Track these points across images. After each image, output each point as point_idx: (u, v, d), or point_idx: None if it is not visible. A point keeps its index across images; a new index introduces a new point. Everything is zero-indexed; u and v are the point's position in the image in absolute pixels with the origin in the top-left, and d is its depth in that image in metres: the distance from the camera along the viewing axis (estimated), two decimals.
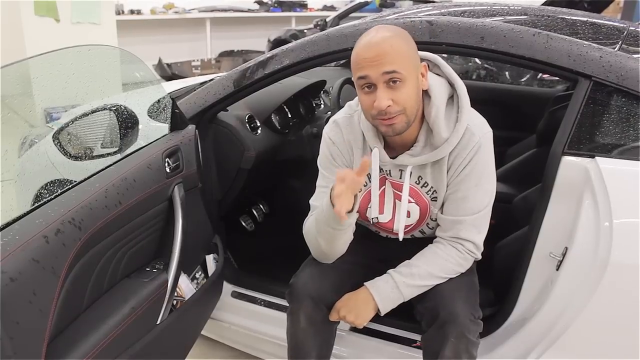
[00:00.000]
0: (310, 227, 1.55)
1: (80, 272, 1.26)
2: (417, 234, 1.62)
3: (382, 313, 1.52)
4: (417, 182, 1.51)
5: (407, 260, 1.53)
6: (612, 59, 1.46)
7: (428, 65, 1.43)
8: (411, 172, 1.48)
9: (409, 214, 1.54)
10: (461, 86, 1.43)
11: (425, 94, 1.41)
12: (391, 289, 1.50)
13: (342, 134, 1.54)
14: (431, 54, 1.47)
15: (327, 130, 1.58)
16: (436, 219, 1.55)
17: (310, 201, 1.61)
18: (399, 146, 1.47)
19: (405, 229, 1.58)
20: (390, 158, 1.48)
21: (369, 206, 1.57)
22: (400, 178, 1.51)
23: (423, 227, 1.60)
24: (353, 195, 1.37)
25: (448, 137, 1.40)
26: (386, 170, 1.52)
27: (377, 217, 1.58)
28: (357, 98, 1.56)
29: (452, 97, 1.45)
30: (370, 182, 1.54)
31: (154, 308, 1.50)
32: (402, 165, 1.49)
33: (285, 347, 1.64)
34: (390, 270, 1.53)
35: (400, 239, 1.58)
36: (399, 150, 1.48)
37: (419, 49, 1.39)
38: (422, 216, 1.55)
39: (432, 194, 1.51)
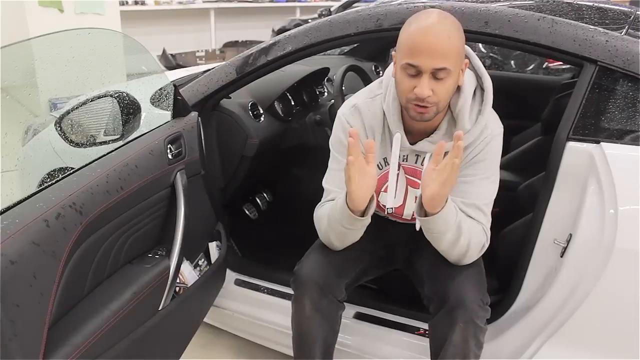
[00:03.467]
0: (322, 217, 1.53)
1: (82, 257, 1.26)
2: None
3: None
4: None
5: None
6: (618, 43, 1.44)
7: None
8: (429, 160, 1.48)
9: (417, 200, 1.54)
10: (488, 80, 1.44)
11: None
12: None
13: (362, 119, 1.52)
14: None
15: (346, 113, 1.54)
16: None
17: (324, 184, 1.59)
18: (419, 132, 1.47)
19: (413, 215, 1.58)
20: (410, 144, 1.48)
21: (382, 190, 1.57)
22: (416, 163, 1.51)
23: None
24: (370, 189, 1.35)
25: (470, 129, 1.41)
26: (403, 156, 1.52)
27: (392, 208, 1.57)
28: (378, 81, 1.57)
29: (475, 90, 1.45)
30: (384, 167, 1.55)
31: (156, 294, 1.50)
32: (420, 152, 1.49)
33: (289, 335, 1.64)
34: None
35: (417, 229, 1.54)
36: (417, 136, 1.48)
37: None
38: None
39: None
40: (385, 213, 1.61)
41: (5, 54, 1.28)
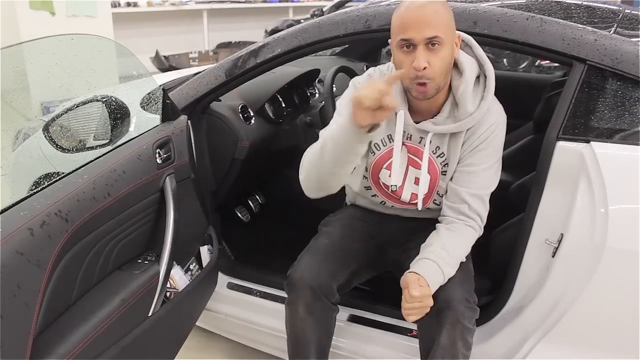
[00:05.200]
0: (313, 154, 1.50)
1: (69, 265, 1.25)
2: (421, 214, 1.63)
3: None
4: (434, 151, 1.53)
5: (440, 243, 1.48)
6: (607, 42, 1.43)
7: (460, 45, 1.47)
8: (430, 140, 1.51)
9: (417, 182, 1.56)
10: (490, 68, 1.47)
11: (456, 69, 1.45)
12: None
13: None
14: (466, 34, 1.50)
15: (360, 80, 1.59)
16: (442, 195, 1.57)
17: (320, 132, 1.58)
18: (424, 112, 1.50)
19: (413, 199, 1.59)
20: (414, 122, 1.51)
21: (384, 167, 1.58)
22: (420, 143, 1.53)
23: (430, 203, 1.60)
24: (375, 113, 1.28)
25: (473, 112, 1.44)
26: (407, 134, 1.54)
27: (396, 186, 1.58)
28: (387, 64, 1.59)
29: (478, 78, 1.48)
30: (388, 143, 1.56)
31: (146, 300, 1.48)
32: (423, 132, 1.51)
33: (282, 338, 1.63)
34: (432, 256, 1.45)
35: (420, 209, 1.58)
36: (422, 116, 1.51)
37: None
38: (431, 188, 1.57)
39: (444, 166, 1.54)
40: (390, 191, 1.61)
41: None
